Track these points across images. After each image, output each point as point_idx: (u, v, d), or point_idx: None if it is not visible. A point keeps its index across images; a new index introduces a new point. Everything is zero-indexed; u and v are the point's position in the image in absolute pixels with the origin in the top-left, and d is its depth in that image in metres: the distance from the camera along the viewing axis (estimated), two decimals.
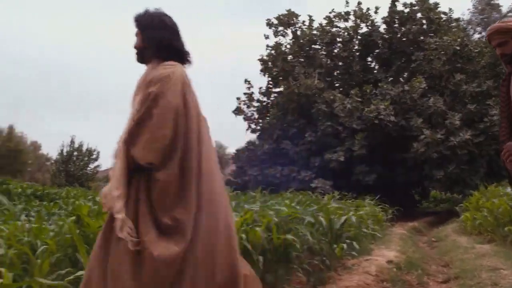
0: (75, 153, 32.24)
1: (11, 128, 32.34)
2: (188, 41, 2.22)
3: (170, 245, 1.88)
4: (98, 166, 34.01)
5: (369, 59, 17.93)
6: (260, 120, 17.55)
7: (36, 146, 38.97)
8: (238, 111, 17.57)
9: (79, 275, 2.94)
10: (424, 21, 16.75)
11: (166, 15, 2.21)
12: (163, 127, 1.94)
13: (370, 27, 17.05)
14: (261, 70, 17.81)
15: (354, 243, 5.09)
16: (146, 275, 1.86)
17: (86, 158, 32.82)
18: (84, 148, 32.69)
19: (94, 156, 33.15)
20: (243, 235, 3.84)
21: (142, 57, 2.20)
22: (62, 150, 31.59)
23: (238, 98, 17.64)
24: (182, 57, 2.17)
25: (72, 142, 32.12)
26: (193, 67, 2.18)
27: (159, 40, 2.13)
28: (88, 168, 33.06)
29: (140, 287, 1.87)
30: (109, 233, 1.99)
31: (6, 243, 3.91)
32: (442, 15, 17.00)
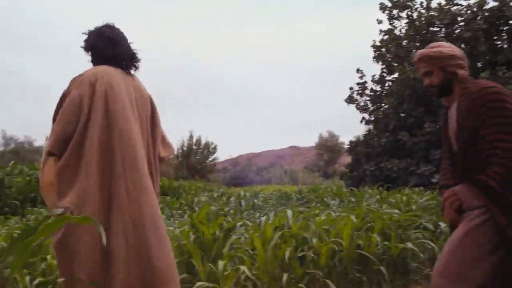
0: (195, 147, 34.29)
1: None
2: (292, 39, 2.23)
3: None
4: (216, 158, 35.87)
5: (496, 37, 16.15)
6: (375, 110, 16.85)
7: None
8: (350, 99, 17.07)
9: (198, 287, 3.02)
10: None
11: (107, 26, 2.43)
12: (62, 121, 2.15)
13: (498, 1, 15.33)
14: (374, 57, 17.07)
15: None
16: None
17: (205, 152, 34.71)
18: (202, 142, 34.61)
19: (212, 150, 34.99)
20: (360, 242, 3.67)
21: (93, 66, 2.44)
22: (182, 145, 33.78)
23: (351, 88, 17.15)
24: (116, 62, 2.37)
25: (191, 136, 34.19)
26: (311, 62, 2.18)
27: (93, 48, 2.40)
28: (207, 161, 34.96)
29: None
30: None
31: None
32: None
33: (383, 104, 16.58)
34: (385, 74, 17.08)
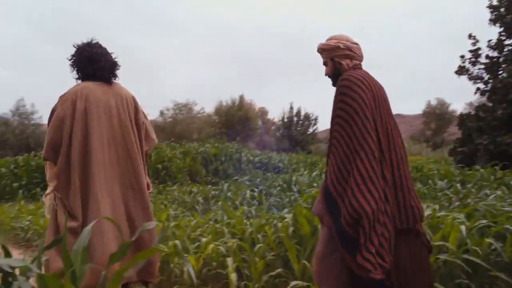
0: (295, 119, 34.34)
1: (241, 98, 36.17)
2: None
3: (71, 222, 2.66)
4: (316, 129, 35.60)
5: None
6: (491, 80, 15.28)
7: (263, 112, 42.81)
8: (461, 71, 15.67)
9: (293, 286, 2.99)
10: None
11: (87, 45, 2.85)
12: (51, 133, 2.74)
13: None
14: (490, 19, 15.39)
15: None
16: None
17: (305, 123, 34.60)
18: (302, 113, 34.50)
19: (312, 121, 34.74)
20: (469, 241, 3.35)
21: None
22: (283, 116, 33.99)
23: (462, 57, 15.70)
24: (96, 77, 2.83)
25: (292, 108, 34.19)
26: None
27: (76, 67, 2.87)
28: (308, 132, 34.86)
29: None
30: None
31: (230, 232, 4.31)
32: None
33: (500, 72, 14.97)
34: (503, 38, 15.35)
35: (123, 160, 2.82)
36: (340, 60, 2.22)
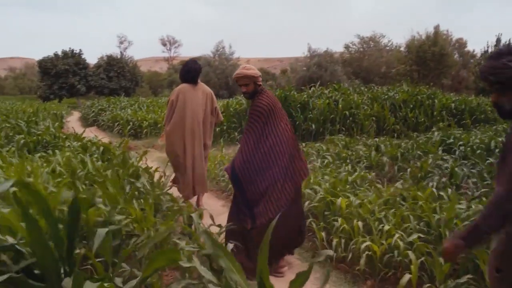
0: None
1: (436, 30, 32.83)
2: None
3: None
4: None
5: None
6: None
7: (461, 43, 38.39)
8: None
9: None
10: None
11: (189, 62, 5.48)
12: (167, 111, 5.48)
13: None
14: None
15: None
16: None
17: None
18: None
19: None
20: None
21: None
22: (486, 50, 29.87)
23: None
24: (190, 81, 5.36)
25: (498, 40, 29.65)
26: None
27: (180, 76, 5.47)
28: None
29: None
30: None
31: (416, 216, 4.13)
32: None
33: None
34: None
35: (197, 127, 5.35)
36: (259, 83, 3.72)
